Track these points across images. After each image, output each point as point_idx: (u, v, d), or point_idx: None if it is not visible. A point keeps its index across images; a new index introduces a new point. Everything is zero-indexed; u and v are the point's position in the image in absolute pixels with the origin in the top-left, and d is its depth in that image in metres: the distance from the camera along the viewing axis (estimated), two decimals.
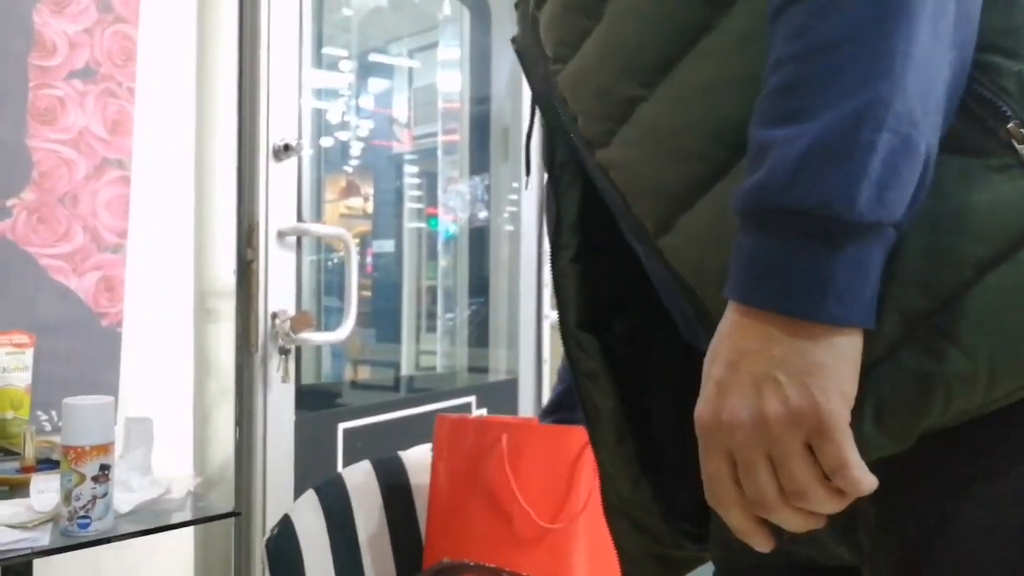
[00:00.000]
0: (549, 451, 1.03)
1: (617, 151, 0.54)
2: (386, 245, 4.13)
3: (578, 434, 1.03)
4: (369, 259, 4.26)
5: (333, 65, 3.98)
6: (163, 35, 1.34)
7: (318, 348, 2.94)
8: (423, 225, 3.52)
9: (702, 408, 0.44)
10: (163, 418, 1.21)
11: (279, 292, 1.43)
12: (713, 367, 0.44)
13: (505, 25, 2.24)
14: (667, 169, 0.51)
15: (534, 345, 2.20)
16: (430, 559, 1.04)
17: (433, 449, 1.11)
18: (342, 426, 1.61)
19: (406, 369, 3.01)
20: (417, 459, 1.11)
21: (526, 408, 2.13)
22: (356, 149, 4.61)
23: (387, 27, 4.02)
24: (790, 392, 0.40)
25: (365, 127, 4.44)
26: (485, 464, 1.03)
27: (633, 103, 0.53)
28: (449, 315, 2.61)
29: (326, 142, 4.32)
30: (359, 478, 1.04)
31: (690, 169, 0.50)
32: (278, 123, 1.45)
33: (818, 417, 0.40)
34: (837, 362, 0.40)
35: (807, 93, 0.42)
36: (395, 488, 1.07)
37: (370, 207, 4.79)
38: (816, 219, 0.40)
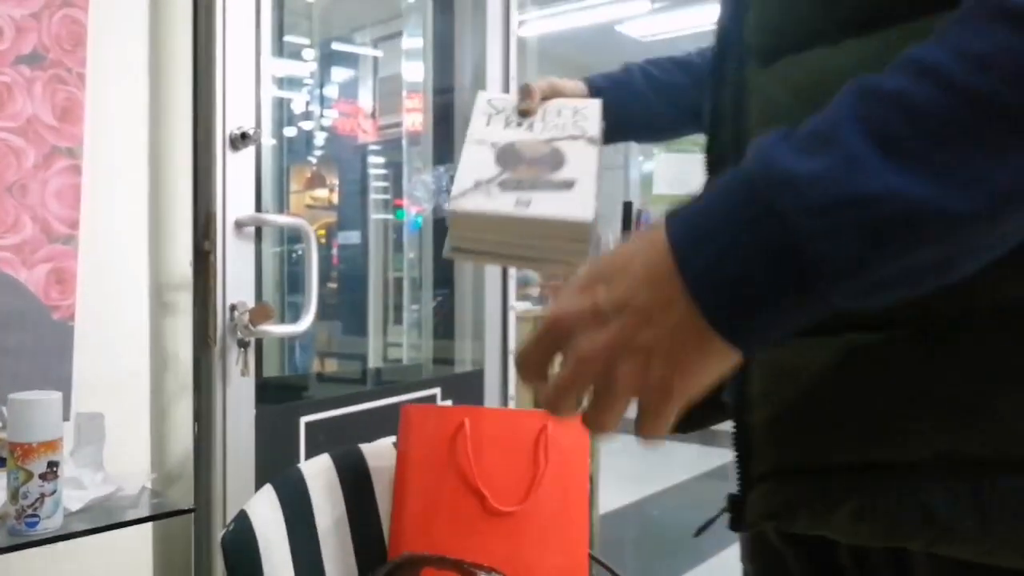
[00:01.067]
0: (510, 435, 1.03)
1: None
2: (352, 236, 4.09)
3: (537, 417, 1.03)
4: (335, 251, 4.22)
5: (295, 54, 3.92)
6: (114, 19, 1.30)
7: (283, 340, 2.90)
8: (389, 216, 3.50)
9: (567, 302, 0.41)
10: (118, 414, 1.18)
11: (238, 284, 1.40)
12: (612, 274, 0.40)
13: (468, 14, 2.22)
14: None
15: (500, 336, 2.19)
16: (395, 549, 1.03)
17: (398, 439, 1.10)
18: (304, 419, 1.59)
19: (373, 361, 2.99)
20: (378, 451, 1.10)
21: (492, 399, 2.12)
22: (321, 139, 4.55)
23: (350, 16, 3.97)
24: (655, 368, 0.39)
25: (330, 117, 4.39)
26: (449, 451, 1.03)
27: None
28: (415, 307, 2.59)
29: (289, 132, 4.26)
30: (318, 471, 1.02)
31: None
32: (235, 111, 1.42)
33: (668, 393, 0.40)
34: (714, 368, 0.39)
35: (955, 147, 0.35)
36: (355, 480, 1.05)
37: (336, 198, 4.75)
38: (816, 264, 0.36)
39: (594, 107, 0.77)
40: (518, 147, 0.68)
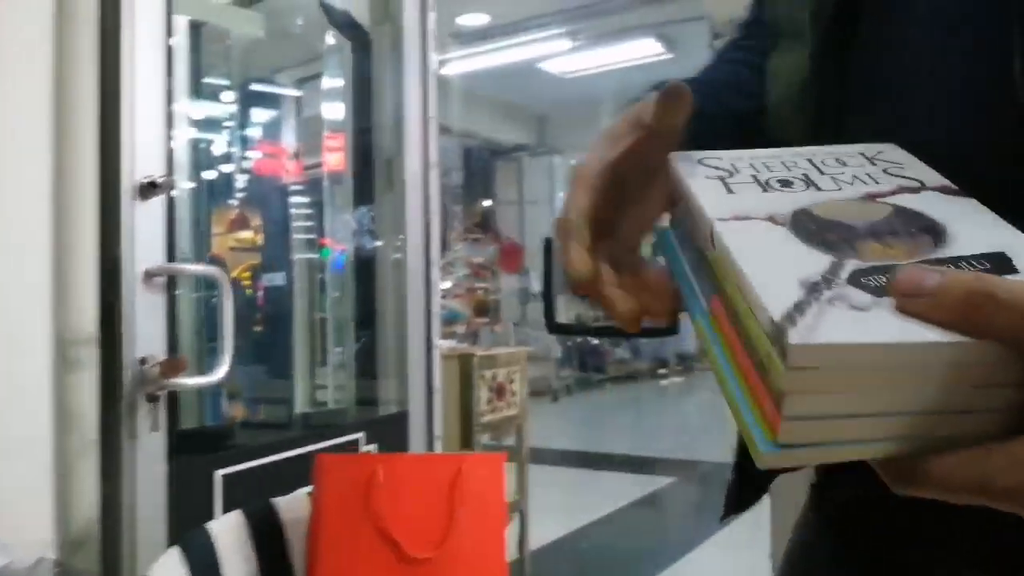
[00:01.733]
0: (425, 480, 1.03)
1: None
2: (277, 278, 4.03)
3: (452, 461, 1.03)
4: (260, 292, 4.15)
5: (215, 95, 3.87)
6: (13, 58, 1.27)
7: (200, 390, 2.83)
8: (314, 256, 3.46)
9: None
10: (14, 479, 1.13)
11: (148, 336, 1.36)
12: None
13: (386, 56, 2.24)
14: None
15: (423, 376, 2.18)
16: None
17: (313, 491, 1.08)
18: (220, 473, 1.54)
19: (299, 406, 2.93)
20: (293, 504, 1.08)
21: (417, 441, 2.10)
22: (244, 181, 4.49)
23: (272, 57, 3.95)
24: None
25: (252, 158, 4.34)
26: (363, 499, 1.02)
27: None
28: (338, 348, 2.56)
29: (210, 174, 4.19)
30: (228, 529, 1.00)
31: None
32: (144, 158, 1.40)
33: None
34: None
35: None
36: (268, 536, 1.03)
37: (260, 239, 4.67)
38: None
39: (894, 152, 0.46)
40: (825, 213, 0.38)
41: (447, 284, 7.95)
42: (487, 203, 10.02)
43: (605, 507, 4.07)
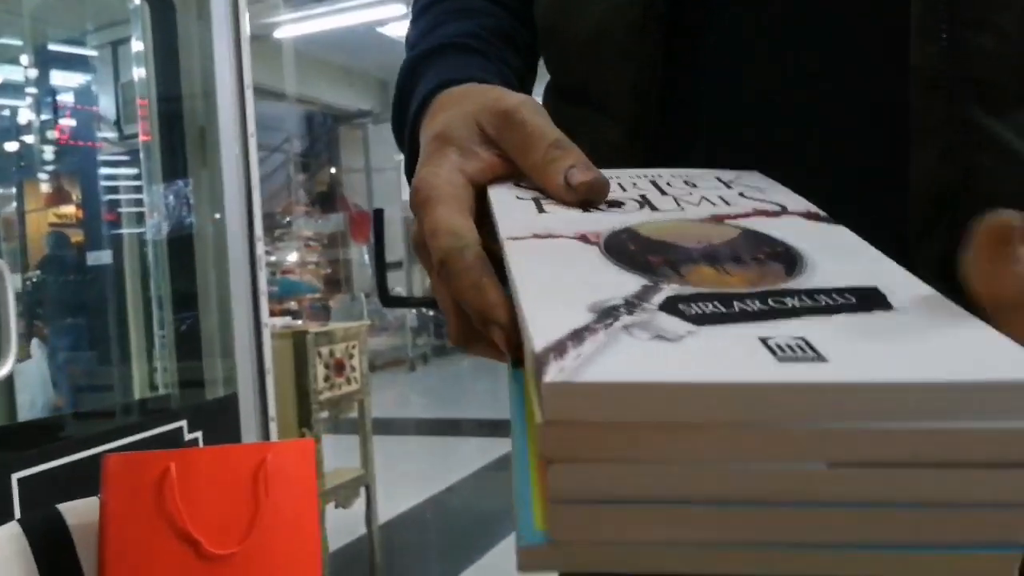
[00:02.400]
0: (225, 473, 0.97)
1: None
2: (103, 256, 3.75)
3: (254, 452, 0.98)
4: (79, 274, 3.85)
5: (12, 59, 3.52)
6: None
7: (9, 381, 2.59)
8: (137, 232, 3.24)
9: None
10: None
11: None
12: None
13: (192, 19, 2.09)
14: None
15: (253, 356, 2.09)
16: None
17: (101, 495, 1.00)
18: (16, 476, 1.41)
19: (119, 393, 2.75)
20: (81, 509, 1.00)
21: (248, 426, 2.02)
22: (58, 151, 4.12)
23: (73, 17, 3.62)
24: None
25: (67, 127, 3.98)
26: (156, 499, 0.95)
27: None
28: (161, 331, 2.41)
29: (11, 146, 3.81)
30: (3, 543, 0.91)
31: None
32: None
33: None
34: None
35: None
36: (52, 546, 0.95)
37: (82, 214, 4.32)
38: None
39: (756, 178, 0.41)
40: (653, 232, 0.32)
41: (292, 257, 7.70)
42: (332, 171, 9.76)
43: (459, 473, 4.10)
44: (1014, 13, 0.38)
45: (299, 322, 2.87)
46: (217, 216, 2.11)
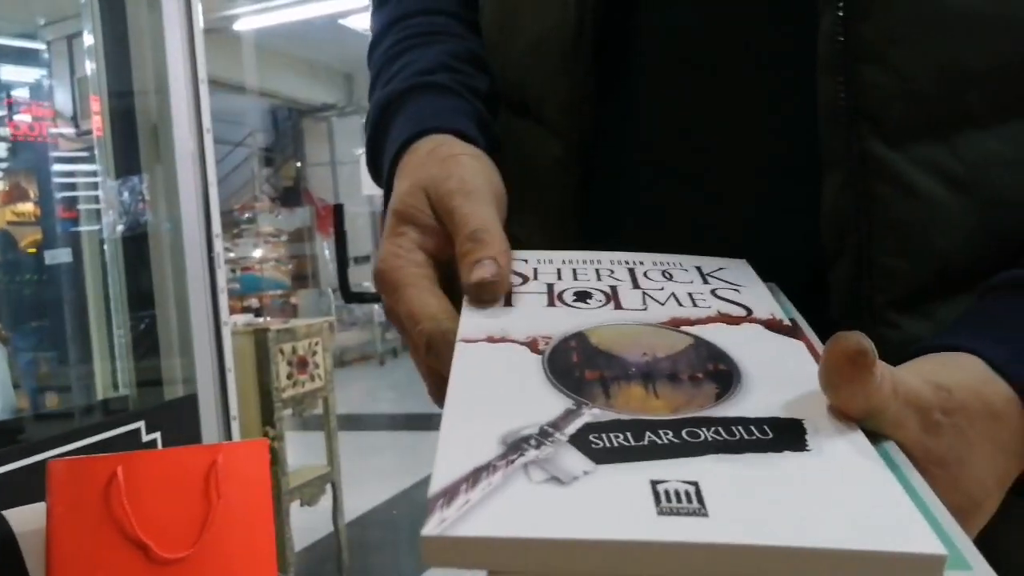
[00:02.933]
0: (174, 476, 0.96)
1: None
2: (62, 254, 3.68)
3: (205, 453, 0.97)
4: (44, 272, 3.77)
5: None
6: None
7: None
8: (94, 229, 3.18)
9: None
10: None
11: None
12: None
13: (143, 10, 2.05)
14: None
15: (213, 355, 2.06)
16: None
17: (47, 500, 0.98)
18: None
19: (82, 395, 2.70)
20: (28, 516, 0.97)
21: (209, 425, 1.99)
22: (14, 148, 4.03)
23: (26, 11, 3.54)
24: None
25: (21, 122, 3.90)
26: (103, 504, 0.93)
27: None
28: (119, 331, 2.37)
29: None
30: None
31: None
32: None
33: None
34: None
35: None
36: None
37: (40, 211, 4.23)
38: None
39: (739, 271, 0.41)
40: (602, 340, 0.32)
41: (258, 252, 7.61)
42: (298, 165, 9.66)
43: (428, 468, 4.08)
44: (909, 50, 0.39)
45: (261, 319, 2.84)
46: (175, 215, 2.07)
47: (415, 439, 5.12)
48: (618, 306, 0.35)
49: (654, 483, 0.23)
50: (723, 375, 0.30)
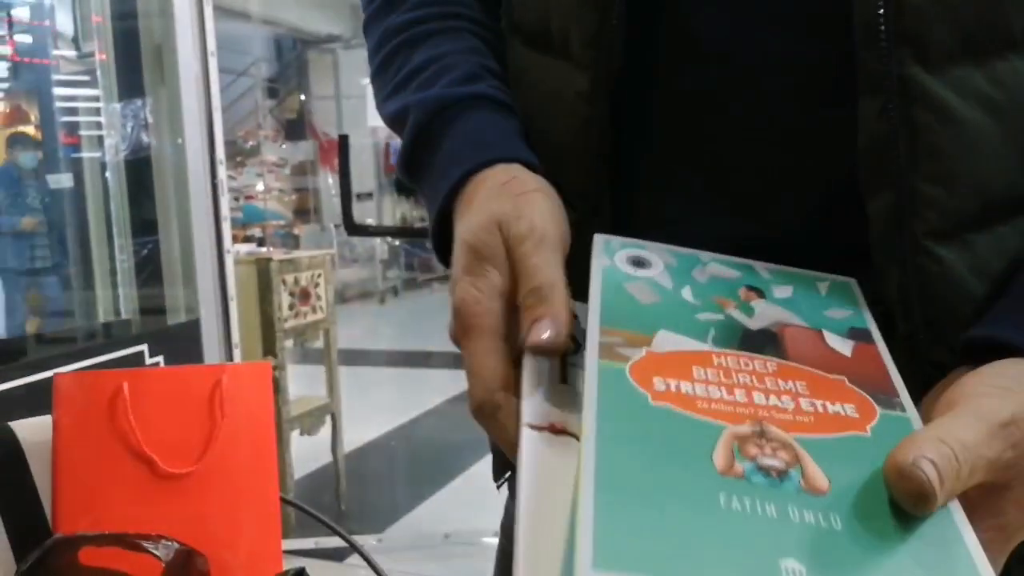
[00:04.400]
0: (179, 394, 0.96)
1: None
2: (63, 179, 3.67)
3: (209, 373, 0.97)
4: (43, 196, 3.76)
5: None
6: None
7: None
8: (96, 155, 3.16)
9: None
10: None
11: None
12: None
13: None
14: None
15: (216, 283, 2.07)
16: (62, 529, 0.94)
17: (53, 413, 0.99)
18: None
19: (84, 318, 2.72)
20: (34, 427, 0.99)
21: (212, 351, 2.01)
22: (12, 69, 3.97)
23: None
24: None
25: (21, 43, 3.83)
26: (108, 418, 0.94)
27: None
28: (122, 257, 2.37)
29: None
30: None
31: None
32: None
33: None
34: None
35: None
36: (5, 464, 0.94)
37: (41, 135, 4.20)
38: None
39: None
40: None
41: (260, 186, 7.57)
42: (302, 98, 9.53)
43: (427, 404, 4.15)
44: None
45: (264, 249, 2.84)
46: (179, 140, 2.06)
47: (414, 376, 5.18)
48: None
49: None
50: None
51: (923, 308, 0.40)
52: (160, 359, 1.84)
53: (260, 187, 7.58)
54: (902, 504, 0.29)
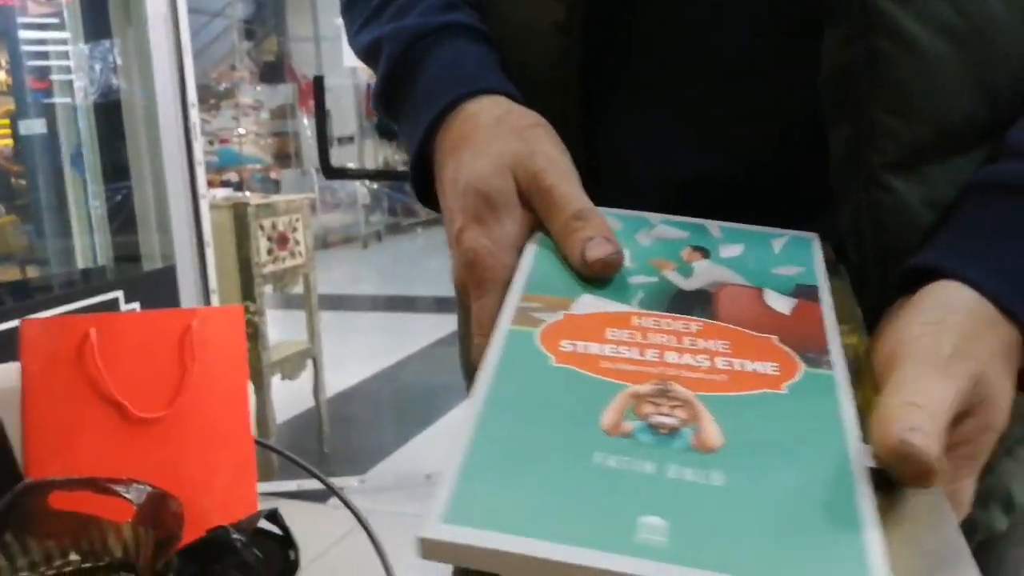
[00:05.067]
0: (149, 339, 0.96)
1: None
2: (36, 125, 3.59)
3: (179, 317, 0.97)
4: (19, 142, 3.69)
5: None
6: None
7: None
8: (68, 100, 3.09)
9: None
10: None
11: None
12: None
13: None
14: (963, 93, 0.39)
15: (191, 228, 2.05)
16: (33, 474, 0.94)
17: (21, 359, 0.99)
18: None
19: (57, 265, 2.70)
20: (3, 374, 0.99)
21: (188, 298, 2.00)
22: None
23: None
24: None
25: None
26: (77, 364, 0.94)
27: None
28: (95, 203, 2.34)
29: None
30: None
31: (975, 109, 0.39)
32: None
33: None
34: None
35: None
36: None
37: (12, 80, 4.09)
38: None
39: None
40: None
41: (241, 130, 7.45)
42: (280, 39, 9.32)
43: (409, 348, 4.16)
44: None
45: (241, 194, 2.81)
46: (149, 82, 2.01)
47: (397, 320, 5.19)
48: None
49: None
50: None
51: (875, 239, 0.41)
52: (136, 305, 1.83)
53: (241, 130, 7.46)
54: (904, 483, 0.29)
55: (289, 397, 2.80)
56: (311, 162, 8.49)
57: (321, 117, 2.13)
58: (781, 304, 0.37)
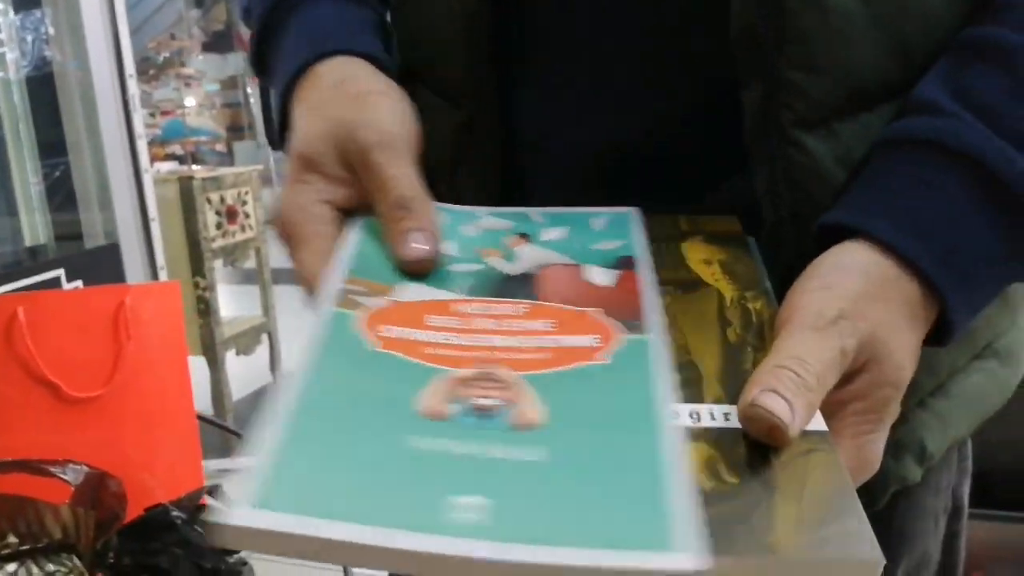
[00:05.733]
0: (82, 317, 0.95)
1: None
2: None
3: (111, 294, 0.95)
4: None
5: None
6: None
7: None
8: (1, 74, 2.98)
9: None
10: None
11: None
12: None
13: None
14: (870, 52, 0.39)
15: (134, 204, 2.00)
16: None
17: None
18: None
19: (9, 243, 2.63)
20: None
21: (134, 274, 1.96)
22: None
23: None
24: None
25: None
26: (6, 344, 0.92)
27: None
28: (33, 179, 2.27)
29: None
30: None
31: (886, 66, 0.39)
32: None
33: None
34: None
35: None
36: None
37: None
38: None
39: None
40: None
41: (191, 101, 7.26)
42: (228, 6, 9.08)
43: None
44: None
45: (186, 167, 2.75)
46: (82, 53, 1.94)
47: None
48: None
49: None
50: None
51: (790, 198, 0.41)
52: (79, 284, 1.79)
53: (190, 101, 7.27)
54: (763, 441, 0.29)
55: (246, 373, 2.78)
56: (264, 133, 8.32)
57: (265, 91, 2.08)
58: (603, 277, 0.37)
